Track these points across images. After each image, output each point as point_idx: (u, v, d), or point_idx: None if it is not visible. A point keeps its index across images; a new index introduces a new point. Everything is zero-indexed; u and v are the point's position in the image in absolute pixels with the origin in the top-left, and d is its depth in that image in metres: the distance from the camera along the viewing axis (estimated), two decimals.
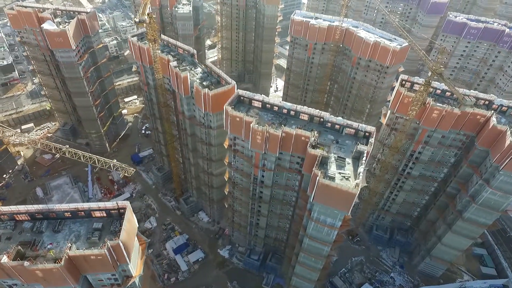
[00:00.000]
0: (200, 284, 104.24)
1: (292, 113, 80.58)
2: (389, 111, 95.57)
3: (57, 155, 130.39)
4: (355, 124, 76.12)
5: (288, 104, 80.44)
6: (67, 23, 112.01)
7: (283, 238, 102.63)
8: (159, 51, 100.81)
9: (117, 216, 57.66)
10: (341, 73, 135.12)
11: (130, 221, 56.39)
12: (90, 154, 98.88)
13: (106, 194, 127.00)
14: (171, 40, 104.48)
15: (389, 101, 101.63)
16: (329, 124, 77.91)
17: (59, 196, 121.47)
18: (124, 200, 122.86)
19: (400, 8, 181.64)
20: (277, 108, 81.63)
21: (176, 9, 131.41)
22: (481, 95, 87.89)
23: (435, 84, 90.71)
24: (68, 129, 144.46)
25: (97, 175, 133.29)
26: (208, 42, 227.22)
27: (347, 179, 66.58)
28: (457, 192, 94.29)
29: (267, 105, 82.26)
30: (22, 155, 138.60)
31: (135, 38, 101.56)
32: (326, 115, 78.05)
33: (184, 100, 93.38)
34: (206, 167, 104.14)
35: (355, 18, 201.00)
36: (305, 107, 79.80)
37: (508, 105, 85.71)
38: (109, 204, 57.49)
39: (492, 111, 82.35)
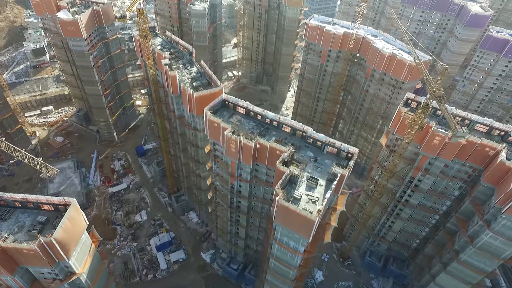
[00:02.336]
0: (176, 285, 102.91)
1: (275, 123, 76.04)
2: (390, 131, 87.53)
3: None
4: (337, 143, 69.97)
5: (271, 114, 75.81)
6: (83, 13, 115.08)
7: (263, 251, 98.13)
8: (159, 47, 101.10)
9: (65, 211, 56.91)
10: (355, 84, 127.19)
11: (73, 219, 55.42)
12: (22, 151, 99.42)
13: (104, 182, 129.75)
14: (173, 37, 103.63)
15: None
16: (311, 140, 72.45)
17: (60, 178, 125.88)
18: (121, 190, 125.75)
19: (436, 19, 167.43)
20: (260, 116, 77.36)
21: (191, 5, 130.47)
22: (496, 124, 77.63)
23: (444, 106, 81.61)
24: (82, 115, 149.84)
25: (100, 163, 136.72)
26: (234, 40, 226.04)
27: (313, 202, 61.08)
28: (457, 229, 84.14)
29: (251, 112, 78.12)
30: (38, 135, 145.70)
31: (137, 32, 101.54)
32: (309, 130, 72.60)
33: (174, 99, 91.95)
34: (194, 169, 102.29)
35: (387, 26, 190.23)
36: (288, 118, 74.95)
37: None
38: (57, 199, 57.02)
39: (505, 145, 72.08)
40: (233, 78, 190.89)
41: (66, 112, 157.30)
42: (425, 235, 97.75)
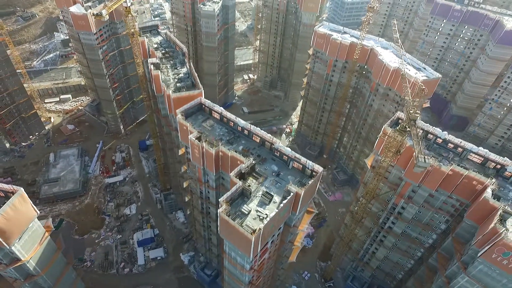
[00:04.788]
0: (149, 282, 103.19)
1: (246, 132, 73.51)
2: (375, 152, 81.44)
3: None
4: (303, 159, 66.06)
5: (242, 122, 73.32)
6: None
7: None
8: (155, 45, 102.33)
9: None
10: (361, 97, 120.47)
11: (16, 208, 56.54)
12: None
13: (103, 173, 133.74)
14: (171, 36, 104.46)
15: None
16: (278, 153, 69.07)
17: (63, 164, 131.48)
18: (117, 182, 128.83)
19: (468, 34, 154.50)
20: (233, 123, 75.15)
21: (202, 6, 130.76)
22: (492, 155, 69.32)
23: (436, 131, 74.63)
24: (95, 105, 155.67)
25: (103, 153, 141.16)
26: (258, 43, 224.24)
27: (261, 219, 57.81)
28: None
29: (224, 118, 76.16)
30: (52, 121, 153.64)
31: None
32: (277, 142, 69.25)
33: (158, 98, 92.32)
34: (178, 169, 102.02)
35: (414, 38, 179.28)
36: (258, 128, 71.83)
37: None
38: (6, 186, 58.69)
39: (494, 180, 63.97)
40: (248, 81, 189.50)
41: (82, 101, 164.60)
42: (411, 268, 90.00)
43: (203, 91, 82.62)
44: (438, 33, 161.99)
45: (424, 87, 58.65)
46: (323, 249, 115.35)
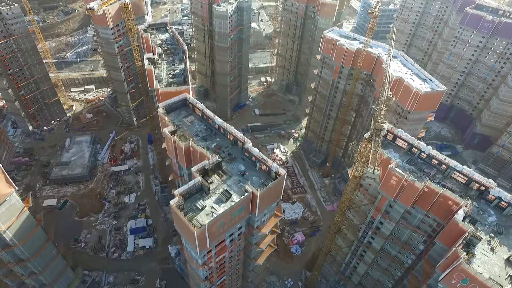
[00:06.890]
0: (134, 269, 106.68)
1: (222, 130, 74.16)
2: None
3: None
4: (269, 162, 65.22)
5: (219, 120, 73.94)
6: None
7: None
8: (159, 42, 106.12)
9: None
10: (366, 106, 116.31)
11: None
12: None
13: (111, 161, 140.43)
14: (176, 34, 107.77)
15: None
16: (247, 153, 68.87)
17: (75, 150, 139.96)
18: (122, 171, 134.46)
19: (500, 47, 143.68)
20: (211, 121, 76.11)
21: (216, 6, 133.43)
22: (476, 176, 64.16)
23: (421, 145, 70.49)
24: (114, 97, 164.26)
25: (114, 142, 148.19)
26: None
27: (213, 216, 58.05)
28: None
29: (204, 115, 77.38)
30: (74, 109, 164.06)
31: (143, 26, 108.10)
32: (248, 142, 69.07)
33: (153, 92, 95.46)
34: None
35: (442, 49, 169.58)
36: (232, 127, 72.06)
37: (510, 202, 60.30)
38: None
39: (469, 201, 59.19)
40: (264, 83, 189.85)
41: (103, 92, 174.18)
42: (392, 287, 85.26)
43: (190, 88, 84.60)
44: (466, 45, 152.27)
45: (391, 96, 55.59)
46: (311, 258, 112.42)
